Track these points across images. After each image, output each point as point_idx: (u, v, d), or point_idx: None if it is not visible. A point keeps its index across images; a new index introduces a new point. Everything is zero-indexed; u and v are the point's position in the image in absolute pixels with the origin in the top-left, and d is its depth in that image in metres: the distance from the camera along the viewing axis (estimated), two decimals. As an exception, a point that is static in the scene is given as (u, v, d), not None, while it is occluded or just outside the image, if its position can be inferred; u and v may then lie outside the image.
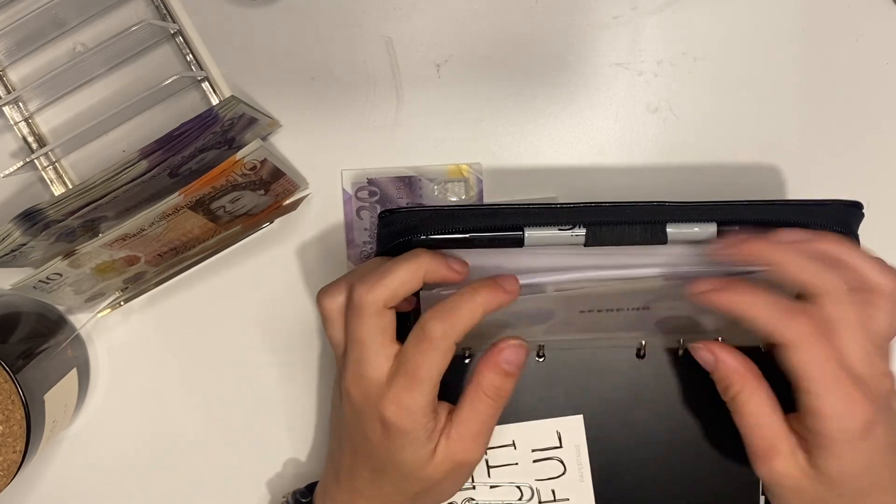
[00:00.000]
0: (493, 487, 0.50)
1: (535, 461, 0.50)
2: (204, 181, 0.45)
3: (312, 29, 0.52)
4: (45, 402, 0.48)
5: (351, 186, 0.53)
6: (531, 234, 0.40)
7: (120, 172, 0.44)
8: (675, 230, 0.40)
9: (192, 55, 0.52)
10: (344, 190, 0.53)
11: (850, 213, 0.41)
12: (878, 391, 0.39)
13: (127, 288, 0.53)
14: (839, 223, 0.40)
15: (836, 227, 0.40)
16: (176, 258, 0.52)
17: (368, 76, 0.52)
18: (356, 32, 0.52)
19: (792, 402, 0.40)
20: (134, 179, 0.46)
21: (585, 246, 0.40)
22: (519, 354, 0.43)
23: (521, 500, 0.50)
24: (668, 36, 0.52)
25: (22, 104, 0.52)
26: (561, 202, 0.47)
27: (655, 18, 0.52)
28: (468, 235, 0.40)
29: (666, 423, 0.49)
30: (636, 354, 0.49)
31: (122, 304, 0.53)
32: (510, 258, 0.42)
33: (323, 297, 0.44)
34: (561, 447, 0.49)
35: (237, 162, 0.45)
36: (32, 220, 0.45)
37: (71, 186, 0.52)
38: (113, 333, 0.54)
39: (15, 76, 0.52)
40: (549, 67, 0.52)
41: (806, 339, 0.38)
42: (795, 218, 0.40)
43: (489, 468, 0.50)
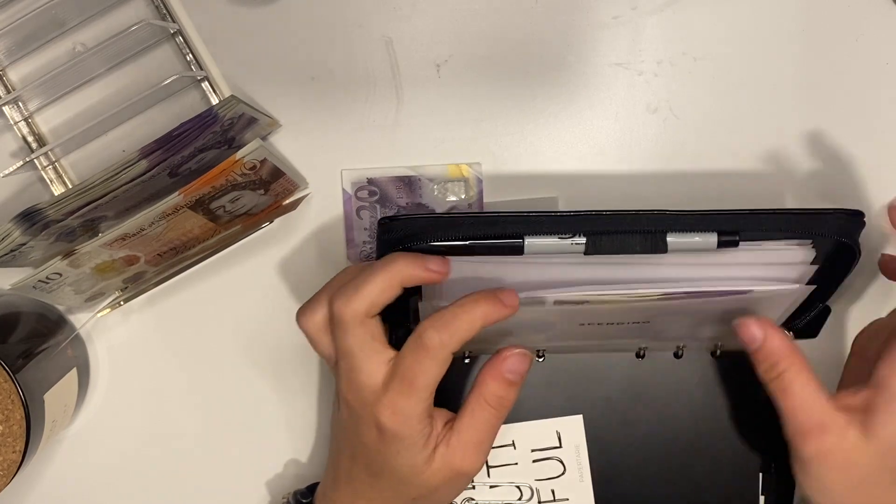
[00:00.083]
0: (492, 487, 0.50)
1: (534, 461, 0.50)
2: (204, 181, 0.45)
3: (312, 29, 0.52)
4: (44, 401, 0.48)
5: (351, 186, 0.53)
6: (531, 242, 0.40)
7: (120, 172, 0.44)
8: (675, 239, 0.40)
9: (192, 55, 0.51)
10: (344, 190, 0.53)
11: (851, 222, 0.41)
12: None
13: (127, 288, 0.53)
14: (841, 232, 0.40)
15: (838, 236, 0.40)
16: (176, 258, 0.52)
17: (368, 76, 0.52)
18: (356, 32, 0.52)
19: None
20: (134, 179, 0.46)
21: (585, 254, 0.40)
22: (523, 363, 0.42)
23: (520, 500, 0.50)
24: (668, 36, 0.52)
25: (22, 104, 0.52)
26: (561, 210, 0.47)
27: (655, 18, 0.52)
28: (468, 243, 0.40)
29: (666, 423, 0.49)
30: (636, 355, 0.49)
31: (121, 303, 0.53)
32: (510, 268, 0.42)
33: (301, 317, 0.44)
34: (561, 447, 0.49)
35: (237, 162, 0.45)
36: (32, 219, 0.45)
37: (71, 186, 0.52)
38: (113, 333, 0.54)
39: (15, 76, 0.52)
40: (549, 67, 0.52)
41: None
42: (797, 227, 0.40)
43: (489, 468, 0.50)
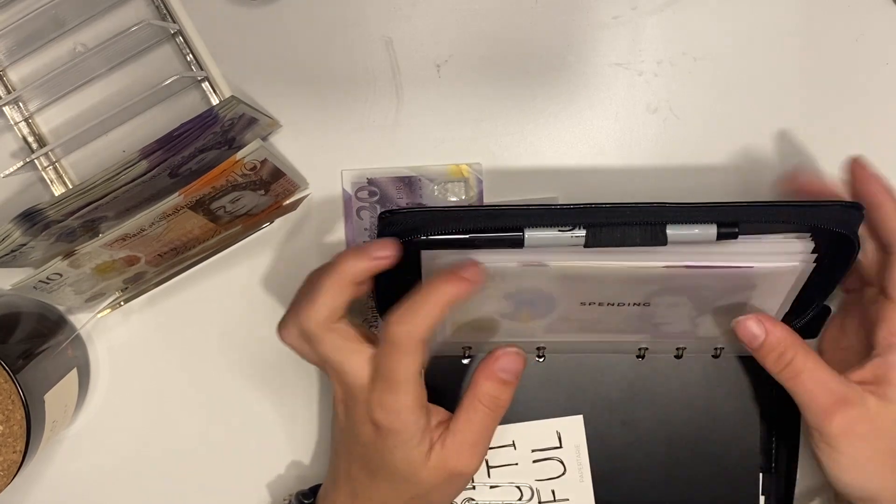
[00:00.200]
0: (492, 487, 0.50)
1: (535, 461, 0.50)
2: (204, 181, 0.45)
3: (312, 29, 0.52)
4: (45, 402, 0.48)
5: (351, 186, 0.53)
6: (531, 234, 0.40)
7: (120, 172, 0.44)
8: (675, 231, 0.40)
9: (192, 55, 0.51)
10: (344, 190, 0.53)
11: (850, 214, 0.41)
12: None
13: (127, 288, 0.53)
14: (840, 224, 0.41)
15: (837, 227, 0.40)
16: (176, 258, 0.52)
17: (368, 76, 0.52)
18: (356, 32, 0.52)
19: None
20: (134, 179, 0.46)
21: (585, 247, 0.40)
22: (516, 363, 0.42)
23: (520, 500, 0.50)
24: (668, 36, 0.52)
25: (22, 104, 0.52)
26: (561, 203, 0.47)
27: (655, 18, 0.52)
28: (468, 236, 0.40)
29: (666, 423, 0.49)
30: (636, 355, 0.49)
31: (122, 304, 0.53)
32: (511, 257, 0.42)
33: (281, 334, 0.45)
34: (561, 447, 0.49)
35: (237, 162, 0.45)
36: (32, 220, 0.45)
37: (71, 186, 0.52)
38: (113, 333, 0.54)
39: (15, 76, 0.52)
40: (549, 67, 0.52)
41: None
42: (796, 219, 0.41)
43: (489, 468, 0.50)
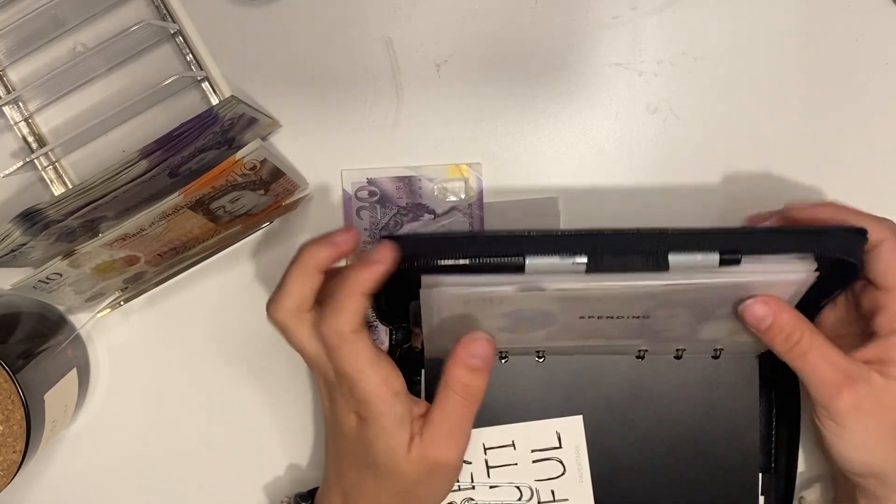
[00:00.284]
0: (492, 488, 0.50)
1: (534, 461, 0.50)
2: (204, 181, 0.45)
3: (312, 29, 0.52)
4: (45, 402, 0.48)
5: (351, 186, 0.53)
6: (532, 262, 0.40)
7: (120, 172, 0.44)
8: (677, 258, 0.40)
9: (192, 55, 0.51)
10: (344, 190, 0.53)
11: (853, 241, 0.41)
12: None
13: (127, 288, 0.53)
14: (843, 251, 0.41)
15: (842, 255, 0.41)
16: (176, 258, 0.52)
17: (368, 76, 0.52)
18: (356, 32, 0.52)
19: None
20: (134, 179, 0.46)
21: (587, 273, 0.40)
22: (485, 348, 0.43)
23: (520, 500, 0.50)
24: (668, 36, 0.52)
25: (22, 104, 0.52)
26: (562, 230, 0.48)
27: (655, 18, 0.52)
28: (469, 262, 0.41)
29: (665, 423, 0.49)
30: (636, 356, 0.49)
31: (122, 303, 0.53)
32: (512, 283, 0.42)
33: (277, 319, 0.45)
34: (560, 447, 0.49)
35: (237, 162, 0.45)
36: (32, 220, 0.45)
37: (71, 186, 0.52)
38: (113, 333, 0.54)
39: (15, 76, 0.52)
40: (549, 67, 0.52)
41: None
42: (800, 247, 0.41)
43: (489, 468, 0.50)
